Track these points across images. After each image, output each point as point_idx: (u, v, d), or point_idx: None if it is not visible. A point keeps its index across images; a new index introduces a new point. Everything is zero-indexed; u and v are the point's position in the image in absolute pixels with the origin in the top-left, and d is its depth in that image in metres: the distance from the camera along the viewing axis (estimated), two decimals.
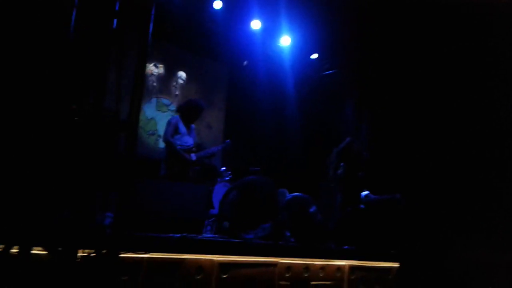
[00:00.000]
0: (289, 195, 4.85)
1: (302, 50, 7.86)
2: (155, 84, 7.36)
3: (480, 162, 5.39)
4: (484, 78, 5.58)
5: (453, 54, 5.81)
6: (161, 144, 7.18)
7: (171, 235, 2.97)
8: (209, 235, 3.90)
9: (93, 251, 2.44)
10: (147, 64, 7.03)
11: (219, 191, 5.72)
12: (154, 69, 7.35)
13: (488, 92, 5.56)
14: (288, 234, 4.54)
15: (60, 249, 2.39)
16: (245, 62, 8.05)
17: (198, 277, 2.85)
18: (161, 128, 7.21)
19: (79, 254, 2.41)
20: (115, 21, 2.65)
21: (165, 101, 7.48)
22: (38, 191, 2.45)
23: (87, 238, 2.53)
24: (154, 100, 7.34)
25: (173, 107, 7.42)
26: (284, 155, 8.13)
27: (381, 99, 7.03)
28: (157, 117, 7.34)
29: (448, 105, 5.87)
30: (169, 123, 5.37)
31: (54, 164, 2.66)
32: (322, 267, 3.70)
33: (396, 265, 4.36)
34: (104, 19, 2.62)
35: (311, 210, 4.53)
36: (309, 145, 8.03)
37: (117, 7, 2.66)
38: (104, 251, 2.47)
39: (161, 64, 7.41)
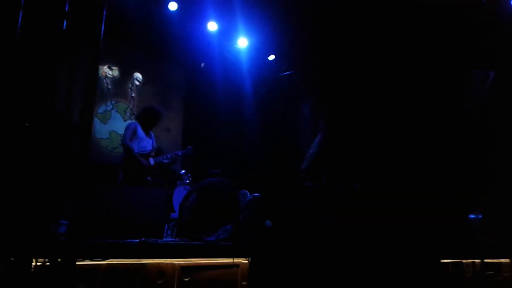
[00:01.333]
0: (249, 196, 4.85)
1: (259, 51, 7.90)
2: (109, 87, 7.18)
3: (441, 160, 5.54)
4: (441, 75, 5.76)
5: (410, 53, 5.97)
6: (114, 150, 7.04)
7: (129, 240, 2.90)
8: (169, 239, 3.85)
9: (47, 260, 2.35)
10: (101, 66, 6.89)
11: (179, 194, 5.66)
12: (108, 71, 7.16)
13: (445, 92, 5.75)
14: (251, 234, 4.55)
15: (12, 259, 2.29)
16: (203, 64, 8.00)
17: (160, 281, 2.80)
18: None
19: (33, 264, 2.32)
20: (65, 22, 2.57)
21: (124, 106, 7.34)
22: None
23: (41, 247, 2.44)
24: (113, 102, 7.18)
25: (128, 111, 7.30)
26: (243, 157, 8.14)
27: (337, 99, 7.15)
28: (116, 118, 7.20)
29: (406, 106, 6.02)
30: (127, 127, 5.29)
31: (4, 171, 2.55)
32: None
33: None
34: (53, 20, 2.53)
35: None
36: (268, 145, 8.08)
37: (66, 8, 2.57)
38: (60, 260, 2.38)
39: (115, 66, 7.24)
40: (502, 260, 4.61)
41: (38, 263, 2.33)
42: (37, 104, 2.79)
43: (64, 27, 2.56)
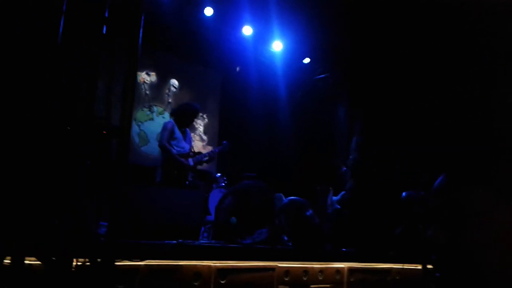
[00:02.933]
0: (285, 199, 4.82)
1: (294, 55, 7.87)
2: (147, 92, 7.34)
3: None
4: (475, 78, 5.58)
5: (444, 53, 5.82)
6: (144, 147, 7.15)
7: (167, 242, 2.93)
8: (206, 241, 3.87)
9: (87, 260, 2.40)
10: (139, 72, 7.06)
11: (214, 197, 5.69)
12: (146, 77, 7.33)
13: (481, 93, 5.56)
14: (286, 238, 4.51)
15: (54, 259, 2.35)
16: (238, 68, 8.05)
17: (196, 283, 2.81)
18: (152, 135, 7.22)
19: (74, 264, 2.37)
20: (104, 27, 2.63)
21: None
22: (30, 200, 2.40)
23: (82, 247, 2.49)
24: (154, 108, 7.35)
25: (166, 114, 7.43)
26: (278, 160, 8.11)
27: (373, 100, 7.04)
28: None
29: (440, 105, 5.86)
30: (164, 128, 5.27)
31: (45, 173, 2.63)
32: (321, 270, 3.66)
33: (396, 266, 4.32)
34: (94, 25, 2.59)
35: (308, 213, 4.50)
36: (303, 148, 8.02)
37: (106, 14, 2.64)
38: (99, 260, 2.42)
39: (153, 72, 7.40)
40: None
41: (79, 263, 2.38)
42: (78, 108, 2.86)
43: (104, 32, 2.62)
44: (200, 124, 7.82)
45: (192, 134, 5.72)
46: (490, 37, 5.25)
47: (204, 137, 7.93)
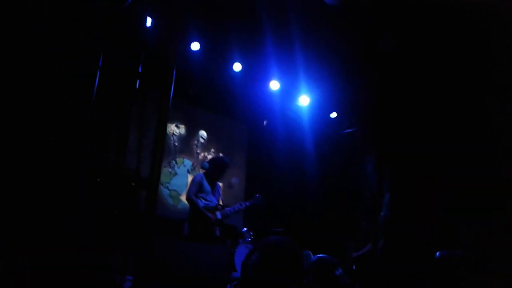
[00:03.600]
0: (313, 257, 4.65)
1: (321, 109, 7.90)
2: (176, 144, 7.44)
3: None
4: None
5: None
6: (180, 204, 7.15)
7: None
8: None
9: None
10: (169, 124, 7.19)
11: (241, 253, 5.55)
12: (175, 129, 7.46)
13: None
14: None
15: None
16: (265, 122, 8.12)
17: None
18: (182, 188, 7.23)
19: None
20: (138, 81, 2.70)
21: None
22: (59, 249, 2.38)
23: None
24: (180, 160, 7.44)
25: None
26: (306, 215, 7.95)
27: (402, 155, 6.91)
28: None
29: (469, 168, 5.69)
30: (193, 181, 5.26)
31: (74, 222, 2.61)
32: None
33: None
34: (127, 79, 2.66)
35: (337, 272, 4.32)
36: (331, 204, 7.86)
37: (140, 69, 2.71)
38: None
39: (182, 124, 7.53)
40: None
41: None
42: (109, 158, 2.88)
43: (137, 86, 2.68)
44: (229, 174, 7.80)
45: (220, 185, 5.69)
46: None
47: (233, 185, 7.91)
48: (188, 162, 7.54)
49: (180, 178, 7.32)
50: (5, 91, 2.33)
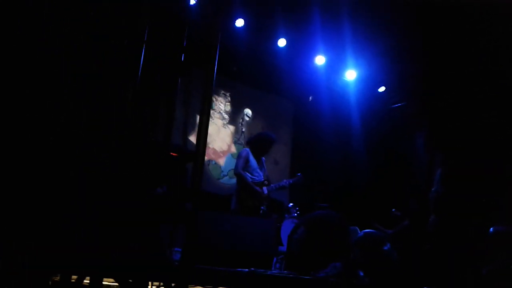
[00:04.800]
0: (360, 232, 4.61)
1: (368, 83, 7.71)
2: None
3: None
4: None
5: None
6: (227, 180, 7.26)
7: (239, 269, 2.88)
8: (278, 272, 3.77)
9: (162, 284, 2.41)
10: (214, 101, 7.26)
11: (287, 228, 5.59)
12: (221, 106, 7.52)
13: None
14: (362, 273, 4.28)
15: (130, 281, 2.39)
16: (311, 98, 8.03)
17: None
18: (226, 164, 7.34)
19: (149, 287, 2.39)
20: (183, 55, 2.72)
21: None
22: (110, 223, 2.48)
23: (157, 272, 2.51)
24: None
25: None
26: (353, 191, 7.86)
27: (453, 129, 6.66)
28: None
29: None
30: (239, 156, 5.33)
31: (125, 198, 2.70)
32: None
33: None
34: (173, 53, 2.69)
35: (385, 247, 4.26)
36: (379, 179, 7.72)
37: (184, 43, 2.74)
38: (173, 284, 2.43)
39: (228, 102, 7.58)
40: None
41: (154, 287, 2.40)
42: (156, 134, 2.94)
43: (182, 59, 2.71)
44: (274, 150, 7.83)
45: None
46: None
47: (278, 162, 7.93)
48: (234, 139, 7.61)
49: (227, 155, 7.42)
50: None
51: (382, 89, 7.83)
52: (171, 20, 2.67)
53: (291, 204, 6.40)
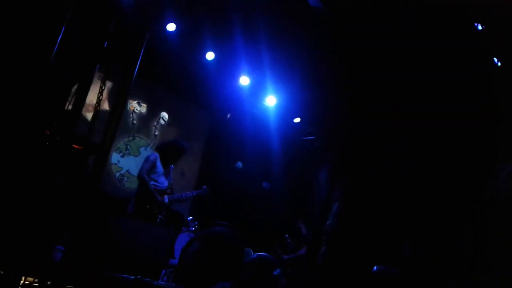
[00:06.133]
0: (253, 254, 4.65)
1: (286, 111, 7.94)
2: (135, 121, 7.26)
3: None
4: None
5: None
6: (127, 184, 6.99)
7: (125, 276, 2.74)
8: (164, 284, 3.65)
9: (36, 280, 2.22)
10: (131, 101, 7.01)
11: (182, 240, 5.48)
12: (137, 106, 7.28)
13: None
14: None
15: (2, 273, 2.17)
16: (229, 115, 8.07)
17: None
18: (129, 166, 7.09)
19: (22, 282, 2.19)
20: (105, 42, 2.59)
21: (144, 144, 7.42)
22: None
23: (33, 267, 2.32)
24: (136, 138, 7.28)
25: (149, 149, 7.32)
26: (254, 214, 7.96)
27: (356, 170, 7.04)
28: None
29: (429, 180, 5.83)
30: (147, 159, 5.15)
31: (15, 183, 2.49)
32: None
33: None
34: (95, 38, 2.56)
35: (275, 272, 4.33)
36: (282, 205, 7.92)
37: (110, 29, 2.61)
38: (49, 282, 2.24)
39: (144, 103, 7.37)
40: None
41: (27, 282, 2.20)
42: (60, 123, 2.76)
43: (105, 46, 2.58)
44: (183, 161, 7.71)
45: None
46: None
47: (185, 173, 7.82)
48: (143, 142, 7.39)
49: (133, 158, 7.16)
50: None
51: (297, 120, 8.11)
52: (102, 4, 2.54)
53: (190, 217, 6.31)
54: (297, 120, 8.11)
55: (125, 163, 7.11)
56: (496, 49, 5.14)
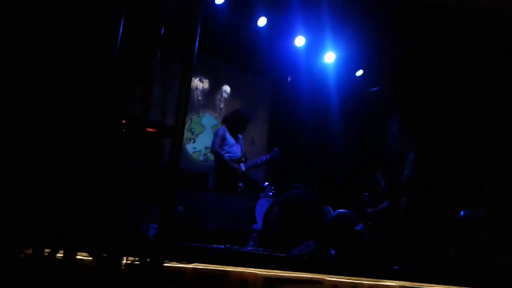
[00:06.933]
0: (334, 212, 4.70)
1: (346, 66, 7.74)
2: (200, 98, 7.46)
3: None
4: None
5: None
6: (202, 157, 7.27)
7: (214, 246, 2.91)
8: (253, 249, 3.82)
9: (137, 259, 2.41)
10: (192, 79, 7.19)
11: (262, 206, 5.65)
12: (199, 83, 7.46)
13: None
14: (333, 252, 4.39)
15: (105, 255, 2.38)
16: (289, 78, 8.03)
17: None
18: (201, 140, 7.34)
19: (124, 262, 2.39)
20: (162, 29, 2.66)
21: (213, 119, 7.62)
22: (86, 196, 2.46)
23: (132, 247, 2.51)
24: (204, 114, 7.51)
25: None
26: (328, 171, 7.97)
27: (427, 115, 6.79)
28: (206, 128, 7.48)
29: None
30: (216, 133, 5.32)
31: (102, 172, 2.67)
32: (371, 287, 3.51)
33: None
34: (152, 27, 2.63)
35: (357, 228, 4.36)
36: (354, 161, 7.84)
37: (164, 16, 2.68)
38: (148, 260, 2.43)
39: (206, 79, 7.52)
40: None
41: (128, 262, 2.40)
42: (133, 110, 2.90)
43: (162, 33, 2.65)
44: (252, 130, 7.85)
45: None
46: None
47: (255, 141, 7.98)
48: (211, 117, 7.59)
49: (204, 133, 7.41)
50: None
51: (360, 72, 7.89)
52: None
53: (266, 183, 6.46)
54: (359, 72, 7.89)
55: (198, 139, 7.38)
56: None
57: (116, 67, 2.66)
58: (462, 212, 4.50)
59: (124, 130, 2.84)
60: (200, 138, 7.44)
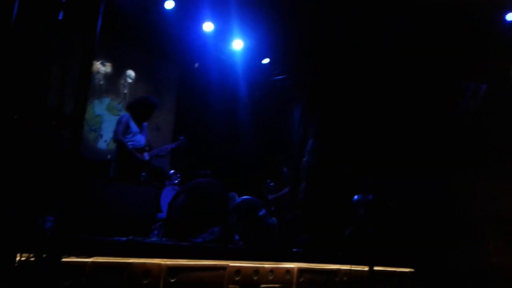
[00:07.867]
0: (238, 199, 4.82)
1: (254, 54, 7.86)
2: (101, 82, 7.12)
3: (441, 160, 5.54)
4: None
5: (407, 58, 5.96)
6: (102, 145, 6.99)
7: (116, 238, 2.86)
8: (156, 239, 3.80)
9: (32, 255, 2.29)
10: (94, 62, 6.82)
11: (167, 195, 5.61)
12: (101, 67, 7.10)
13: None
14: (237, 237, 4.52)
15: None
16: (196, 64, 7.96)
17: (146, 281, 2.75)
18: (106, 129, 7.03)
19: (18, 259, 2.26)
20: (61, 13, 2.51)
21: (117, 105, 7.30)
22: None
23: (26, 242, 2.38)
24: (106, 100, 7.14)
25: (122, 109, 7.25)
26: (234, 159, 8.11)
27: (328, 104, 7.16)
28: (105, 116, 7.14)
29: (399, 111, 5.99)
30: (119, 121, 5.05)
31: None
32: (271, 270, 3.69)
33: (344, 267, 4.43)
34: (49, 10, 2.47)
35: (260, 213, 4.53)
36: (259, 148, 8.06)
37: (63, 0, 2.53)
38: (44, 255, 2.32)
39: (108, 62, 7.19)
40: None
41: (23, 258, 2.28)
42: (29, 97, 2.73)
43: (60, 18, 2.50)
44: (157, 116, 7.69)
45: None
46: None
47: (161, 128, 7.82)
48: (114, 103, 7.30)
49: (105, 119, 7.11)
50: None
51: (266, 60, 8.07)
52: None
53: (172, 171, 6.41)
54: (265, 61, 8.07)
55: (98, 125, 7.06)
56: None
57: (10, 50, 2.48)
58: (355, 197, 4.87)
59: (16, 117, 2.67)
60: (103, 126, 7.12)
